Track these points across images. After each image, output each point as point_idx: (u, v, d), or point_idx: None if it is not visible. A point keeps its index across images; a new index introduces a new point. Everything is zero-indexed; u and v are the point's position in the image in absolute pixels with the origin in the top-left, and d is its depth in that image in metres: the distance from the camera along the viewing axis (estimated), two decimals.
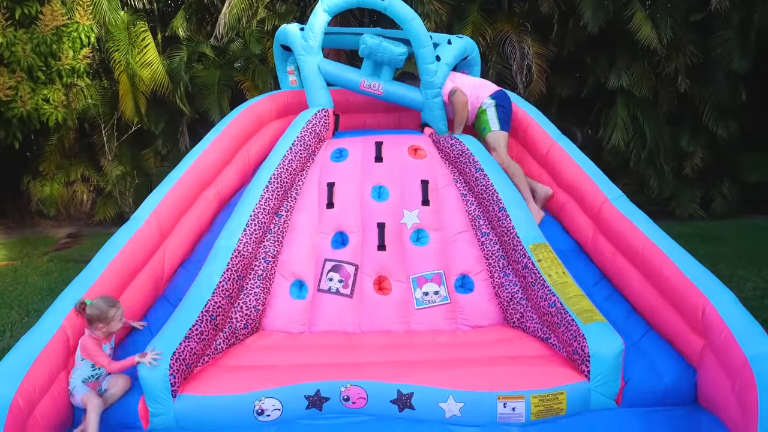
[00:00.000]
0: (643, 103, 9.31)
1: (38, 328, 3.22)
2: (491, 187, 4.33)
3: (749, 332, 2.97)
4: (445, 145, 4.73)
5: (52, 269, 7.52)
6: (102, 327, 3.20)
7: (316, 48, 4.78)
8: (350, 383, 3.21)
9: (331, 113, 4.82)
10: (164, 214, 4.15)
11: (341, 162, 4.62)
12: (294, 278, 4.24)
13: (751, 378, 2.69)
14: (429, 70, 4.74)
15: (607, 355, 3.18)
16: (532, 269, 3.89)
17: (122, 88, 9.41)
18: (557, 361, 3.42)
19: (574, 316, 3.42)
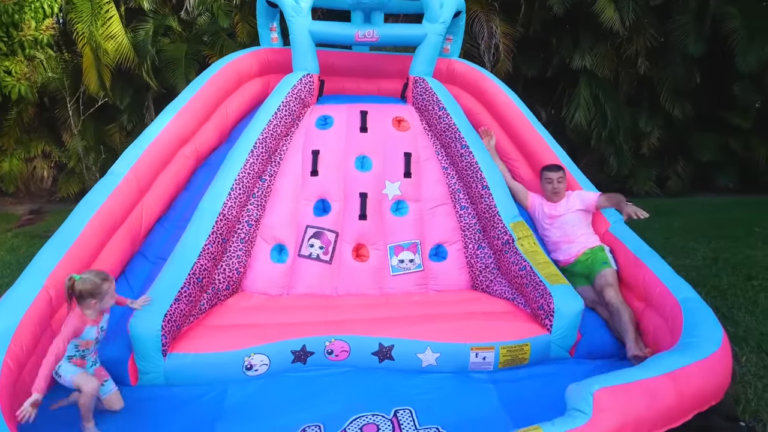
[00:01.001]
0: (604, 83, 9.62)
1: (20, 289, 3.19)
2: (476, 165, 4.47)
3: (677, 284, 3.58)
4: (431, 116, 4.74)
5: (18, 245, 7.39)
6: (94, 303, 2.90)
7: (306, 10, 4.63)
8: (334, 338, 3.42)
9: (317, 79, 4.79)
10: (143, 170, 4.11)
11: (326, 130, 4.66)
12: (275, 242, 4.34)
13: (679, 311, 3.27)
14: (436, 1, 4.60)
15: (569, 312, 3.54)
16: (510, 244, 4.15)
17: (86, 61, 9.17)
18: (523, 317, 3.73)
19: (542, 278, 3.72)
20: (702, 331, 3.08)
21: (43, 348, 3.16)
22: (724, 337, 3.05)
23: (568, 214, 4.36)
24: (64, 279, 3.26)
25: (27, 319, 3.03)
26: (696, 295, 3.52)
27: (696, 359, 2.78)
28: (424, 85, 4.79)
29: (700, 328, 3.11)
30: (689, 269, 5.49)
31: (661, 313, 3.53)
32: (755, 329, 4.11)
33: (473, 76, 5.25)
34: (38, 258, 3.37)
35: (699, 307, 3.36)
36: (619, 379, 2.54)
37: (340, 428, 2.86)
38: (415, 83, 4.84)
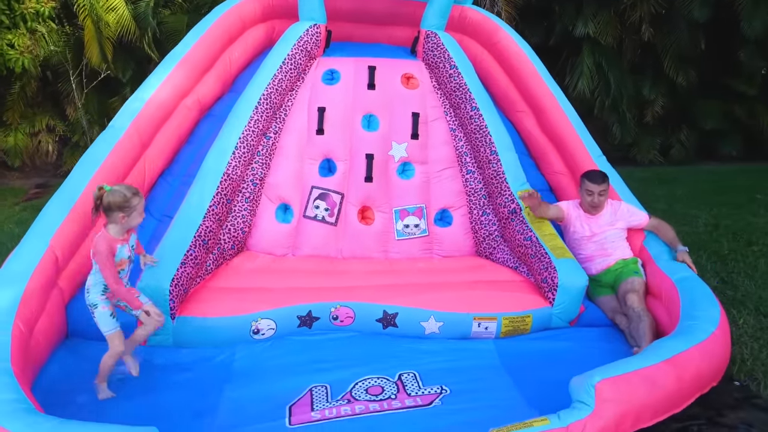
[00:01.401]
0: (608, 51, 9.54)
1: (26, 249, 3.20)
2: (485, 128, 4.35)
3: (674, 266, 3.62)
4: (442, 74, 4.55)
5: (26, 218, 7.45)
6: (122, 218, 2.82)
7: None
8: (340, 304, 3.50)
9: (323, 29, 4.51)
10: (144, 123, 4.01)
11: (333, 85, 4.49)
12: (280, 202, 4.32)
13: (675, 294, 3.28)
14: None
15: (573, 287, 3.58)
16: (518, 214, 4.13)
17: (87, 34, 9.12)
18: (526, 288, 3.77)
19: (548, 250, 3.75)
20: (699, 311, 3.09)
21: (52, 305, 3.21)
22: (721, 315, 3.06)
23: (611, 230, 3.96)
24: (69, 237, 3.28)
25: (34, 281, 3.04)
26: (692, 273, 3.53)
27: (694, 342, 2.79)
28: (435, 41, 4.53)
29: (697, 308, 3.12)
30: (691, 235, 5.54)
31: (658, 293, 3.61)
32: (754, 293, 4.17)
33: (488, 27, 4.96)
34: (41, 218, 3.37)
35: (695, 285, 3.37)
36: (619, 369, 2.56)
37: (346, 389, 2.96)
38: (426, 38, 4.56)
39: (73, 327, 3.36)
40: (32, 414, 2.33)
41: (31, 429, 2.21)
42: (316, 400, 2.87)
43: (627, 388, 2.48)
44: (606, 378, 2.47)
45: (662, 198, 7.14)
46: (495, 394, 2.89)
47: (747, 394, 2.90)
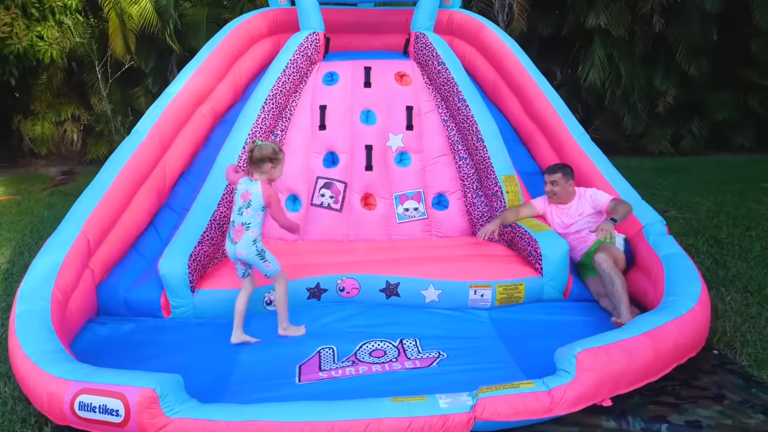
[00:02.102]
0: (619, 42, 9.62)
1: (62, 233, 3.61)
2: (472, 118, 4.70)
3: (663, 241, 3.79)
4: (431, 70, 4.95)
5: (54, 202, 7.82)
6: (271, 168, 3.24)
7: None
8: (345, 276, 3.79)
9: (322, 36, 4.97)
10: (164, 127, 4.45)
11: (332, 86, 4.92)
12: (289, 193, 4.69)
13: (661, 270, 3.48)
14: None
15: (555, 255, 3.81)
16: (500, 197, 4.44)
17: (111, 26, 9.45)
18: (517, 261, 4.04)
19: (527, 229, 4.04)
20: (681, 287, 3.24)
21: (84, 283, 3.57)
22: (702, 291, 3.21)
23: (581, 221, 4.07)
24: (99, 225, 3.66)
25: (69, 258, 3.44)
26: (679, 249, 3.69)
27: (673, 317, 2.96)
28: (424, 40, 4.95)
29: (679, 284, 3.27)
30: (692, 221, 5.72)
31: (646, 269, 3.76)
32: (745, 273, 4.34)
33: (473, 26, 5.41)
34: (75, 207, 3.79)
35: (680, 262, 3.52)
36: (599, 341, 2.75)
37: (351, 351, 3.22)
38: (416, 38, 5.00)
39: (104, 306, 3.71)
40: (70, 362, 2.64)
41: (69, 374, 2.52)
42: (324, 360, 3.14)
43: (606, 359, 2.66)
44: (586, 349, 2.66)
45: (668, 186, 7.29)
46: (488, 359, 3.13)
47: (723, 361, 3.08)
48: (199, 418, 2.36)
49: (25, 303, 3.06)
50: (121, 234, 4.00)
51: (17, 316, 2.98)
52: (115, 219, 3.94)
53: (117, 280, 3.82)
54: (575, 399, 2.55)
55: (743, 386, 2.82)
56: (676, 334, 2.90)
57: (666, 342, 2.85)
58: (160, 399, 2.37)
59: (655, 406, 2.66)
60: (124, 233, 4.04)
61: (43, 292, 3.15)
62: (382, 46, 5.53)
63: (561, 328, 3.49)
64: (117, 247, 3.96)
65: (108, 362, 3.09)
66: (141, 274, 3.90)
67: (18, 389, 2.90)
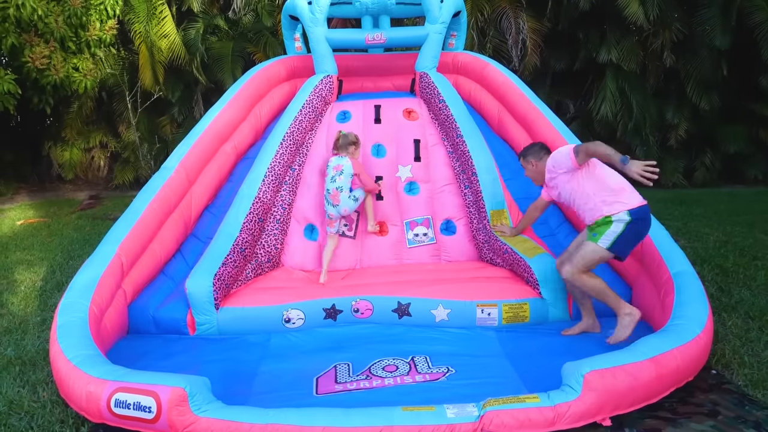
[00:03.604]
0: (631, 76, 9.86)
1: (99, 254, 3.90)
2: (468, 153, 4.98)
3: (674, 256, 3.84)
4: (434, 107, 5.28)
5: (83, 224, 8.13)
6: (353, 150, 4.70)
7: (322, 20, 5.20)
8: (359, 298, 4.02)
9: (335, 79, 5.36)
10: (190, 164, 4.78)
11: (345, 123, 5.26)
12: (306, 223, 5.00)
13: (671, 288, 3.56)
14: (435, 4, 5.17)
15: (548, 277, 4.02)
16: (486, 227, 4.73)
17: (142, 58, 9.93)
18: (522, 283, 4.24)
19: (521, 254, 4.26)
20: (689, 311, 3.30)
21: (118, 302, 3.84)
22: (708, 319, 3.30)
23: (563, 195, 3.78)
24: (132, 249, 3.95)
25: (105, 277, 3.73)
26: (690, 269, 3.75)
27: (678, 344, 3.05)
28: (427, 80, 5.30)
29: (688, 307, 3.35)
30: (699, 250, 5.84)
31: (655, 281, 3.85)
32: (748, 300, 4.45)
33: (477, 65, 5.79)
34: (112, 231, 4.10)
35: (691, 282, 3.59)
36: (607, 362, 2.86)
37: (366, 366, 3.41)
38: (421, 78, 5.36)
39: (134, 325, 3.98)
40: (108, 364, 2.90)
41: (107, 374, 2.79)
42: (340, 374, 3.34)
43: (611, 381, 2.78)
44: (594, 370, 2.79)
45: (679, 216, 7.42)
46: (495, 375, 3.29)
47: (720, 381, 3.21)
48: (224, 418, 2.57)
49: (66, 315, 3.33)
50: (151, 259, 4.28)
51: (59, 326, 3.24)
52: (146, 245, 4.23)
53: (147, 300, 4.08)
54: (578, 416, 2.70)
55: (738, 403, 2.96)
56: (678, 361, 2.98)
57: (668, 368, 2.94)
58: (189, 398, 2.59)
59: (651, 420, 2.81)
60: (154, 258, 4.32)
61: (81, 305, 3.43)
62: (391, 87, 5.93)
63: (564, 347, 3.63)
64: (147, 271, 4.24)
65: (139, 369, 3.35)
66: (168, 295, 4.17)
67: (56, 394, 3.14)
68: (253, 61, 10.09)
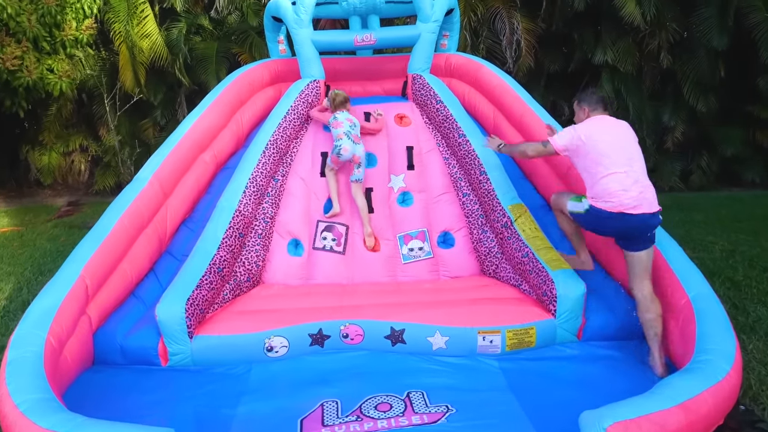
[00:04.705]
0: (627, 78, 9.61)
1: (60, 277, 3.50)
2: (473, 152, 4.70)
3: (691, 276, 3.50)
4: (430, 109, 4.99)
5: (58, 234, 7.75)
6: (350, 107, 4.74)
7: (307, 21, 4.93)
8: (349, 322, 3.64)
9: (322, 84, 5.10)
10: (165, 175, 4.42)
11: None
12: (290, 237, 4.64)
13: (691, 314, 3.23)
14: (427, 2, 4.89)
15: (572, 296, 3.67)
16: (509, 226, 4.32)
17: (122, 59, 9.53)
18: (528, 302, 3.90)
19: (544, 264, 3.88)
20: (715, 344, 2.99)
21: (82, 330, 3.46)
22: (737, 351, 2.98)
23: None
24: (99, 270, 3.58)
25: (66, 304, 3.32)
26: (709, 290, 3.44)
27: (708, 385, 2.72)
28: (421, 81, 5.05)
29: (713, 339, 3.03)
30: (706, 261, 5.56)
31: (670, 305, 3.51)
32: (766, 318, 4.18)
33: (471, 67, 5.52)
34: (76, 251, 3.69)
35: (712, 308, 3.28)
36: (631, 411, 2.51)
37: (356, 405, 3.07)
38: (413, 80, 5.11)
39: (99, 355, 3.58)
40: (61, 412, 2.52)
41: (58, 426, 2.40)
42: (327, 415, 3.00)
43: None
44: (618, 422, 2.43)
45: (679, 223, 7.15)
46: (500, 414, 2.96)
47: (750, 418, 2.93)
48: None
49: (18, 349, 2.95)
50: (120, 280, 3.90)
51: (8, 363, 2.86)
52: (115, 264, 3.87)
53: (114, 327, 3.69)
54: None
55: None
56: (710, 405, 2.66)
57: (699, 413, 2.61)
58: None
59: None
60: (124, 279, 3.94)
61: (36, 338, 3.04)
62: (381, 92, 5.67)
63: (576, 376, 3.33)
64: (116, 294, 3.87)
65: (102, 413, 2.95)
66: (139, 320, 3.78)
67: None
68: (239, 62, 9.75)
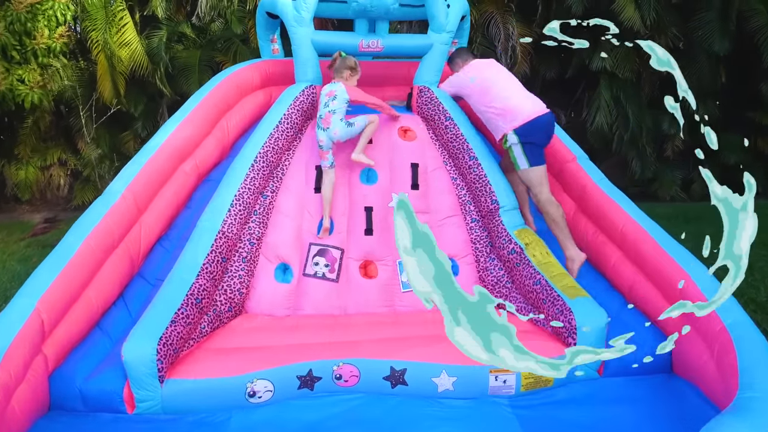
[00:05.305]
0: (626, 85, 9.36)
1: (10, 312, 3.04)
2: (485, 177, 4.33)
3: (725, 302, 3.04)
4: (438, 126, 4.64)
5: (30, 254, 7.36)
6: (348, 75, 4.31)
7: (308, 19, 4.49)
8: (343, 362, 3.24)
9: (320, 90, 4.65)
10: (140, 188, 3.98)
11: None
12: (279, 261, 4.21)
13: (729, 343, 2.85)
14: (441, 10, 4.53)
15: (593, 328, 3.29)
16: (519, 252, 3.97)
17: (100, 69, 9.19)
18: (543, 336, 3.53)
19: (560, 292, 3.53)
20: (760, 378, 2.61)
21: (35, 374, 3.02)
22: None
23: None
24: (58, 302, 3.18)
25: (16, 345, 2.85)
26: (745, 316, 3.10)
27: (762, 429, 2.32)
28: (429, 95, 4.68)
29: (757, 373, 2.65)
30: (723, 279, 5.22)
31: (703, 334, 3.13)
32: None
33: None
34: (31, 280, 3.24)
35: (751, 336, 2.92)
36: None
37: None
38: (420, 92, 4.73)
39: (56, 400, 3.13)
40: None
41: None
42: None
43: None
44: None
45: (690, 238, 6.78)
46: None
47: None
48: None
49: None
50: (84, 310, 3.45)
51: None
52: (78, 293, 3.41)
53: (74, 367, 3.23)
54: None
55: None
56: None
57: None
58: None
59: None
60: (88, 309, 3.49)
61: None
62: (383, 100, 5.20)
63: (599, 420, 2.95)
64: (78, 327, 3.42)
65: None
66: (103, 359, 3.33)
67: None
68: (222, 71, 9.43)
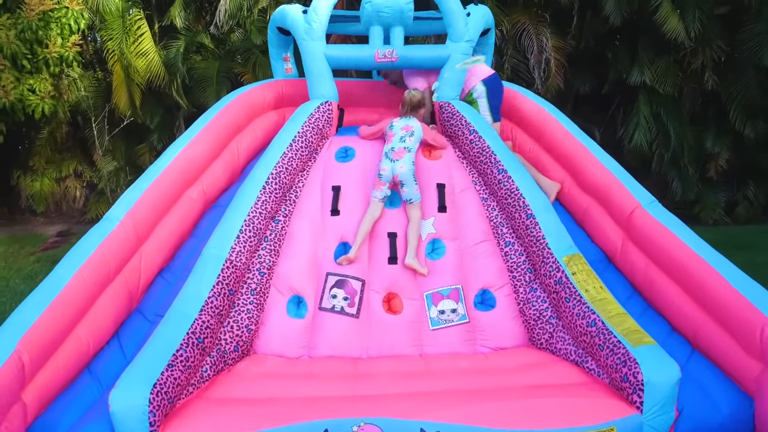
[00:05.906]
0: (666, 100, 8.84)
1: None
2: (517, 191, 3.94)
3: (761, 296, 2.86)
4: (463, 141, 4.32)
5: (37, 271, 7.13)
6: (422, 112, 4.32)
7: (320, 33, 4.33)
8: (364, 421, 2.80)
9: (335, 107, 4.42)
10: (141, 215, 3.71)
11: (347, 163, 4.26)
12: (292, 294, 3.81)
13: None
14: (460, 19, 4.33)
15: (664, 384, 2.85)
16: (566, 284, 3.50)
17: (116, 79, 9.01)
18: (600, 390, 3.04)
19: (621, 338, 3.06)
20: None
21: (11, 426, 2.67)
22: None
23: None
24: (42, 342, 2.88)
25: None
26: None
27: None
28: (450, 110, 4.41)
29: None
30: None
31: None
32: None
33: (505, 96, 4.88)
34: (13, 317, 2.93)
35: None
36: None
37: None
38: (440, 109, 4.47)
39: None
40: None
41: None
42: None
43: None
44: None
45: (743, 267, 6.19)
46: None
47: None
48: None
49: None
50: (72, 351, 3.11)
51: None
52: (67, 331, 3.08)
53: (57, 416, 2.87)
54: None
55: None
56: None
57: None
58: None
59: None
60: (78, 350, 3.15)
61: None
62: None
63: None
64: (65, 370, 3.07)
65: None
66: (90, 408, 2.95)
67: None
68: (241, 82, 9.21)
